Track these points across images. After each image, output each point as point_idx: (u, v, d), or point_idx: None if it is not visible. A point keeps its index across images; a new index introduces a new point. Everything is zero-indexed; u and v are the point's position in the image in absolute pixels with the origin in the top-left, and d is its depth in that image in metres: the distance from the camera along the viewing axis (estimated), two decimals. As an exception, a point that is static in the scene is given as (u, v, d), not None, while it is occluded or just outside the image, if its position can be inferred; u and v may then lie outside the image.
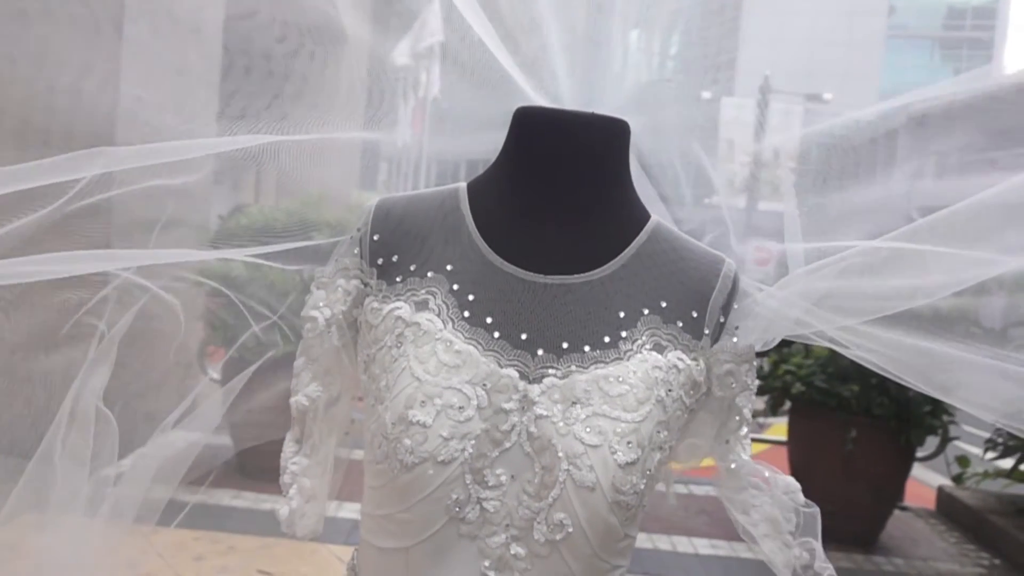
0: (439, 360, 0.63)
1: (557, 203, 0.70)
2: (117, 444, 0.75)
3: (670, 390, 0.65)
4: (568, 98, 0.78)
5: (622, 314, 0.67)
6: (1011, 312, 0.88)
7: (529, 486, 0.62)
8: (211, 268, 0.82)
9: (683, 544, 3.37)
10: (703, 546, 3.38)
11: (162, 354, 0.78)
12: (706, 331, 0.70)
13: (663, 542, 3.50)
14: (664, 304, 0.69)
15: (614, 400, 0.63)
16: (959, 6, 38.76)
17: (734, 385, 0.70)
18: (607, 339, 0.66)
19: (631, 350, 0.66)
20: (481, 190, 0.73)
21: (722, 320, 0.71)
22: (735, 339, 0.71)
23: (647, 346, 0.66)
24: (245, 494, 3.33)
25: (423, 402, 0.61)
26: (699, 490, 3.79)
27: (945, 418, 3.55)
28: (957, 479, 4.04)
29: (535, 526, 0.62)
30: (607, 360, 0.65)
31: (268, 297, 0.81)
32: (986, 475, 3.87)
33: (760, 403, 4.10)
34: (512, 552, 0.63)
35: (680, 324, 0.69)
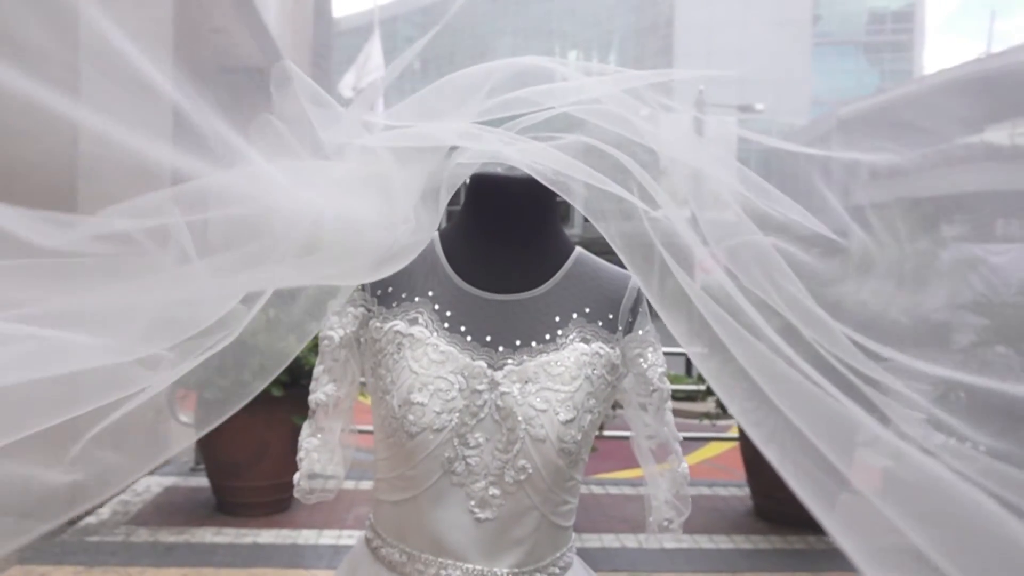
0: (429, 358, 0.86)
1: (505, 243, 0.95)
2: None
3: (595, 369, 0.89)
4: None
5: (557, 318, 0.92)
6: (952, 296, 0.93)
7: (499, 444, 0.86)
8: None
9: (650, 540, 3.46)
10: (667, 540, 3.48)
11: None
12: (620, 327, 0.95)
13: (630, 540, 3.60)
14: (588, 310, 0.93)
15: (555, 378, 0.87)
16: (879, 11, 40.46)
17: (643, 363, 0.95)
18: (548, 336, 0.90)
19: (565, 343, 0.90)
20: (449, 236, 0.97)
21: (630, 320, 0.96)
22: (641, 332, 0.95)
23: (577, 340, 0.90)
24: (226, 530, 3.35)
25: (420, 388, 0.84)
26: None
27: (879, 400, 3.72)
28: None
29: (505, 472, 0.85)
30: (548, 351, 0.89)
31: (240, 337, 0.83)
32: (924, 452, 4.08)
33: (711, 405, 4.25)
34: (490, 493, 0.86)
35: (600, 323, 0.93)
